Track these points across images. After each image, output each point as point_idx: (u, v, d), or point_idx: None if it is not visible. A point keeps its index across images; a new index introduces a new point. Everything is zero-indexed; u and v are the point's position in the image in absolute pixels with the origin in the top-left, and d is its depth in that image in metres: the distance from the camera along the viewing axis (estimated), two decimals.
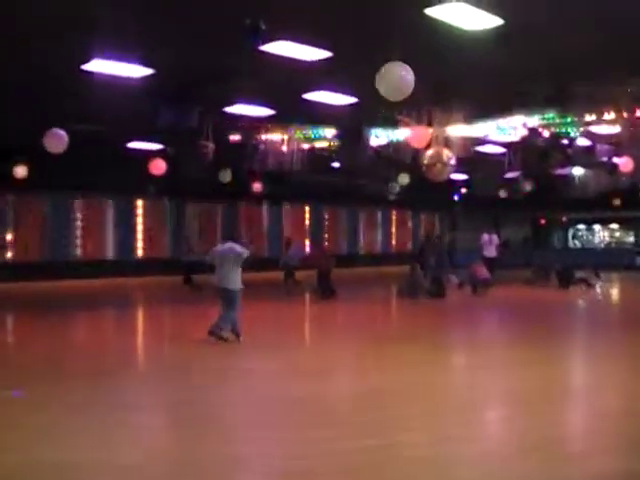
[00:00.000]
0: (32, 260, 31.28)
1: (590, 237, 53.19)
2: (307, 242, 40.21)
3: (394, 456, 6.99)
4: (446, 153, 19.08)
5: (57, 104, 18.05)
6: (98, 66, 14.91)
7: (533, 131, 21.13)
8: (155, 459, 7.09)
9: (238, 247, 14.41)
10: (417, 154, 20.28)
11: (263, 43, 12.21)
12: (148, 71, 15.42)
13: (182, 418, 8.70)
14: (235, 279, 14.24)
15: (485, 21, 12.04)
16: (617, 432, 8.07)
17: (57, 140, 18.32)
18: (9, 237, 31.12)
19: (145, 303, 24.67)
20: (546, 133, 21.57)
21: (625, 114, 18.71)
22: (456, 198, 43.61)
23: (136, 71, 15.39)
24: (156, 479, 6.52)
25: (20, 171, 26.60)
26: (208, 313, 16.02)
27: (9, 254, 31.14)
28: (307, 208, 42.47)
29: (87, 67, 14.92)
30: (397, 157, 21.79)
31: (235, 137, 22.46)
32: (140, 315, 21.20)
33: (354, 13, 12.10)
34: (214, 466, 6.78)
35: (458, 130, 20.37)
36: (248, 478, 6.69)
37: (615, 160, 24.65)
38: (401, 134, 21.21)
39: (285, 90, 17.35)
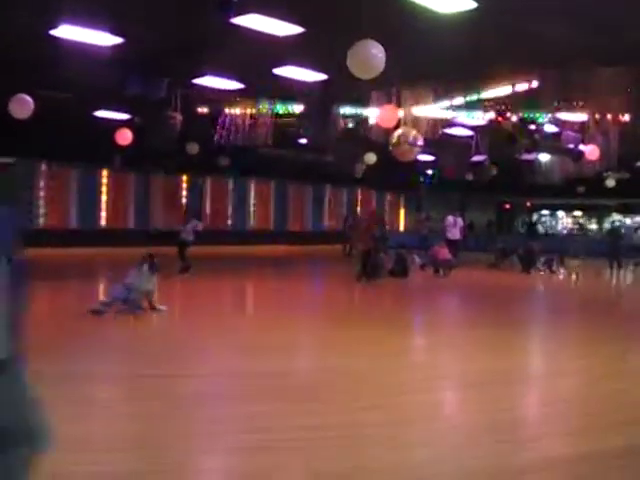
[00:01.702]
0: None
1: (554, 223, 53.65)
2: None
3: (347, 435, 7.02)
4: (413, 133, 19.10)
5: (24, 69, 17.85)
6: (67, 32, 14.76)
7: (501, 114, 21.21)
8: (115, 435, 7.07)
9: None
10: (385, 134, 20.30)
11: (235, 16, 12.14)
12: (117, 40, 15.31)
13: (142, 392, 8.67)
14: None
15: (458, 4, 12.06)
16: (571, 416, 8.13)
17: (23, 106, 18.13)
18: None
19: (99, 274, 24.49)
20: (514, 118, 21.68)
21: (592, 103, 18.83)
22: (422, 180, 43.77)
23: (105, 39, 15.27)
24: (114, 455, 6.49)
25: None
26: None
27: None
28: (272, 184, 42.39)
29: (55, 33, 14.77)
30: (365, 135, 21.79)
31: (203, 109, 22.37)
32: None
33: None
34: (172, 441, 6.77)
35: (426, 111, 20.40)
36: (206, 455, 6.67)
37: (581, 147, 24.76)
38: (369, 113, 21.22)
39: (255, 64, 17.28)
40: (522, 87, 18.25)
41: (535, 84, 17.87)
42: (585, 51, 14.91)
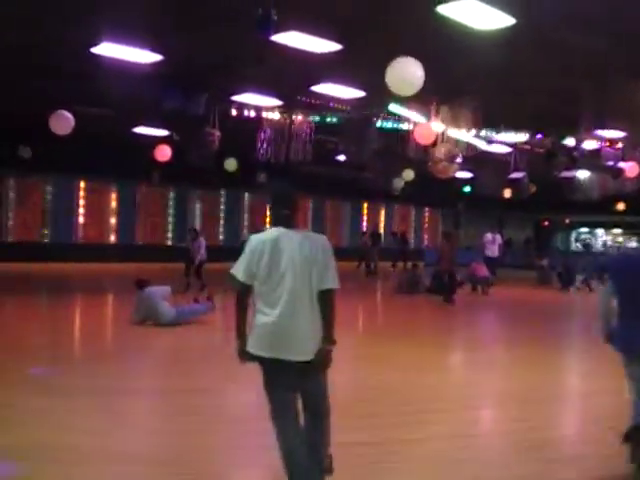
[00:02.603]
0: (33, 241, 31.31)
1: (593, 240, 53.19)
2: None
3: (391, 452, 6.98)
4: (452, 151, 19.05)
5: (65, 86, 18.01)
6: (107, 50, 14.88)
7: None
8: (153, 446, 7.08)
9: None
10: (423, 150, 20.25)
11: (274, 33, 12.15)
12: (157, 57, 15.40)
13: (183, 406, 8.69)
14: None
15: (496, 20, 12.01)
16: (611, 436, 8.03)
17: (63, 122, 18.27)
18: (11, 218, 31.14)
19: None
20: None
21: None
22: (460, 196, 43.58)
23: (145, 56, 15.37)
24: (151, 465, 6.50)
25: (25, 152, 26.59)
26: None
27: (11, 235, 31.13)
28: (310, 200, 42.40)
29: (96, 50, 14.89)
30: (402, 152, 21.75)
31: (241, 126, 22.43)
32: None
33: (366, 7, 12.07)
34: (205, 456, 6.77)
35: (465, 128, 20.34)
36: (242, 469, 6.67)
37: (621, 164, 24.57)
38: (408, 130, 21.19)
39: (293, 81, 17.33)
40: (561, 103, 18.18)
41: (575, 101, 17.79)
42: (623, 66, 14.82)
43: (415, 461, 6.81)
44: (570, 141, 23.01)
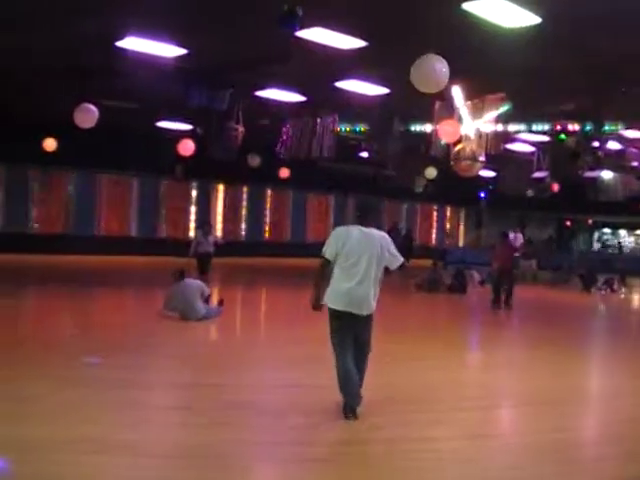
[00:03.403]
0: (55, 233, 31.45)
1: (615, 242, 52.91)
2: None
3: (404, 450, 6.97)
4: (476, 149, 18.97)
5: (89, 79, 18.05)
6: (132, 44, 14.92)
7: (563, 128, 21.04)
8: (179, 440, 7.11)
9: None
10: (447, 148, 20.18)
11: (299, 29, 12.14)
12: (181, 51, 15.43)
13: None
14: None
15: (522, 19, 11.97)
16: (632, 438, 7.98)
17: (88, 115, 18.31)
18: (34, 210, 31.28)
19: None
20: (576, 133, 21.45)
21: None
22: (482, 195, 43.47)
23: (170, 51, 15.41)
24: (176, 458, 6.51)
25: (49, 145, 26.69)
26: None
27: (34, 226, 31.29)
28: (332, 197, 42.39)
29: (121, 44, 14.93)
30: (426, 150, 21.68)
31: (265, 121, 22.44)
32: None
33: (391, 3, 12.03)
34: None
35: (489, 126, 20.26)
36: (259, 465, 6.68)
37: None
38: (432, 127, 21.13)
39: (318, 77, 17.32)
40: (585, 102, 18.09)
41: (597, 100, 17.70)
42: None
43: (430, 460, 6.78)
44: (594, 141, 22.88)
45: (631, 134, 21.76)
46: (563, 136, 21.66)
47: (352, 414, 7.81)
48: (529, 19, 11.97)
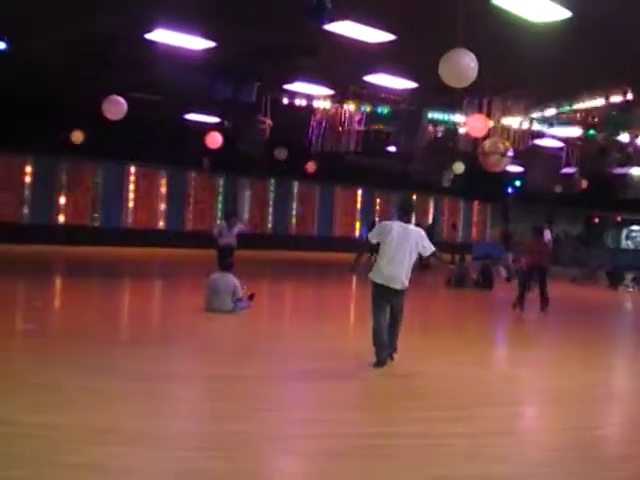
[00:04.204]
0: (83, 225, 31.62)
1: None
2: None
3: (430, 445, 6.95)
4: (504, 144, 18.89)
5: (118, 71, 18.11)
6: (161, 36, 14.96)
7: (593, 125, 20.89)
8: (199, 431, 7.13)
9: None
10: (475, 143, 20.12)
11: (328, 22, 12.12)
12: (210, 44, 15.44)
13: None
14: None
15: (552, 13, 11.89)
16: None
17: (116, 107, 18.38)
18: (62, 201, 31.44)
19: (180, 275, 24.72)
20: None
21: None
22: (510, 190, 43.22)
23: (198, 43, 15.43)
24: (194, 450, 6.52)
25: (77, 137, 26.82)
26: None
27: (62, 217, 31.46)
28: (359, 191, 42.38)
29: (150, 36, 14.97)
30: (453, 145, 21.61)
31: (292, 115, 22.43)
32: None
33: None
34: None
35: (517, 121, 20.18)
36: (281, 457, 6.67)
37: None
38: (459, 122, 21.06)
39: (346, 71, 17.30)
40: (616, 99, 17.94)
41: (630, 96, 17.53)
42: None
43: (455, 456, 6.75)
44: (624, 137, 22.71)
45: None
46: (592, 131, 21.50)
47: (379, 365, 10.09)
48: (559, 13, 11.89)
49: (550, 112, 20.20)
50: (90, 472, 5.73)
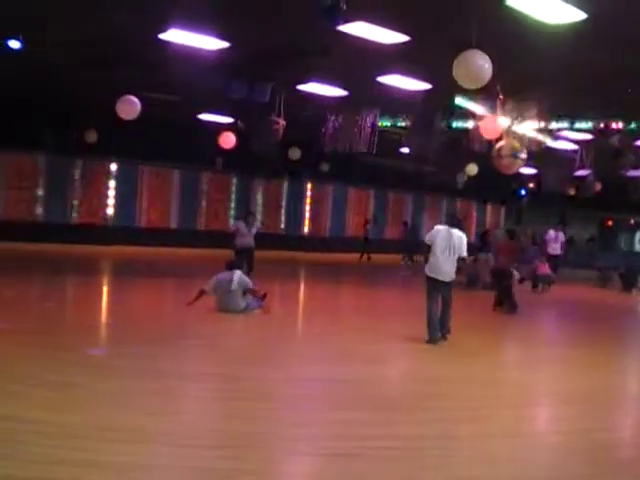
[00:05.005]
0: (96, 224, 31.68)
1: None
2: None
3: (441, 447, 6.95)
4: (517, 146, 18.84)
5: (132, 71, 18.14)
6: (175, 36, 14.98)
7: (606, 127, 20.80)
8: (213, 430, 7.15)
9: None
10: (489, 145, 20.06)
11: (341, 23, 12.12)
12: (224, 44, 15.46)
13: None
14: None
15: (567, 15, 11.85)
16: None
17: (130, 107, 18.44)
18: (76, 201, 31.51)
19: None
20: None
21: None
22: (522, 192, 43.12)
23: (212, 43, 15.45)
24: (207, 449, 6.53)
25: (90, 136, 26.90)
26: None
27: (75, 216, 31.52)
28: (371, 192, 42.32)
29: (164, 36, 15.00)
30: (467, 146, 21.55)
31: (306, 115, 22.41)
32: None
33: None
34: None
35: (531, 123, 20.12)
36: (295, 458, 6.68)
37: None
38: (473, 124, 21.00)
39: (360, 72, 17.28)
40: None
41: None
42: None
43: (465, 458, 6.76)
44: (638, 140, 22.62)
45: None
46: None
47: (431, 341, 12.45)
48: (574, 15, 11.86)
49: (563, 124, 20.33)
50: (101, 469, 5.75)
